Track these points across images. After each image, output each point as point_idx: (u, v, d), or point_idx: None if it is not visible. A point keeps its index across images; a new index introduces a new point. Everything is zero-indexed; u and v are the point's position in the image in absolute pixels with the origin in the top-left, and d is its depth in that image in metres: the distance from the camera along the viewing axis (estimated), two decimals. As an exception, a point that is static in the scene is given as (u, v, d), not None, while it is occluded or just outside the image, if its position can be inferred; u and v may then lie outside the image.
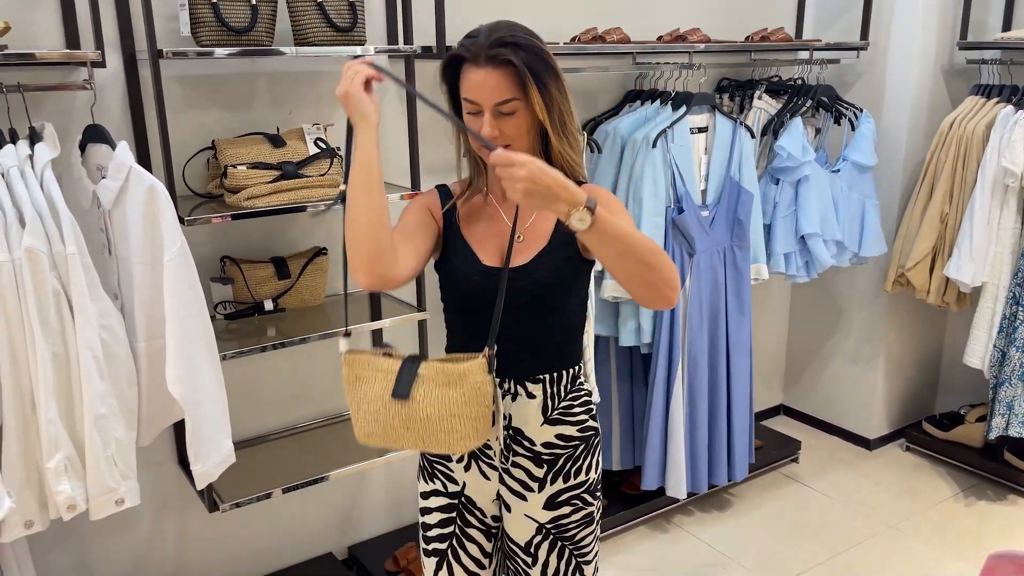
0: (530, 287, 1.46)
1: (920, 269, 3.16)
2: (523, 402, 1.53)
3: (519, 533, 1.60)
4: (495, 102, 1.37)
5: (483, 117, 1.38)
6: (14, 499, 1.68)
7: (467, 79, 1.38)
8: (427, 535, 1.65)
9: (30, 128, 1.80)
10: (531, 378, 1.52)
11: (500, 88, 1.36)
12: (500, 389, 1.51)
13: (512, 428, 1.54)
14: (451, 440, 1.43)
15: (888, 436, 3.64)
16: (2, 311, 1.63)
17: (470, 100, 1.39)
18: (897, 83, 3.25)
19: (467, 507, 1.62)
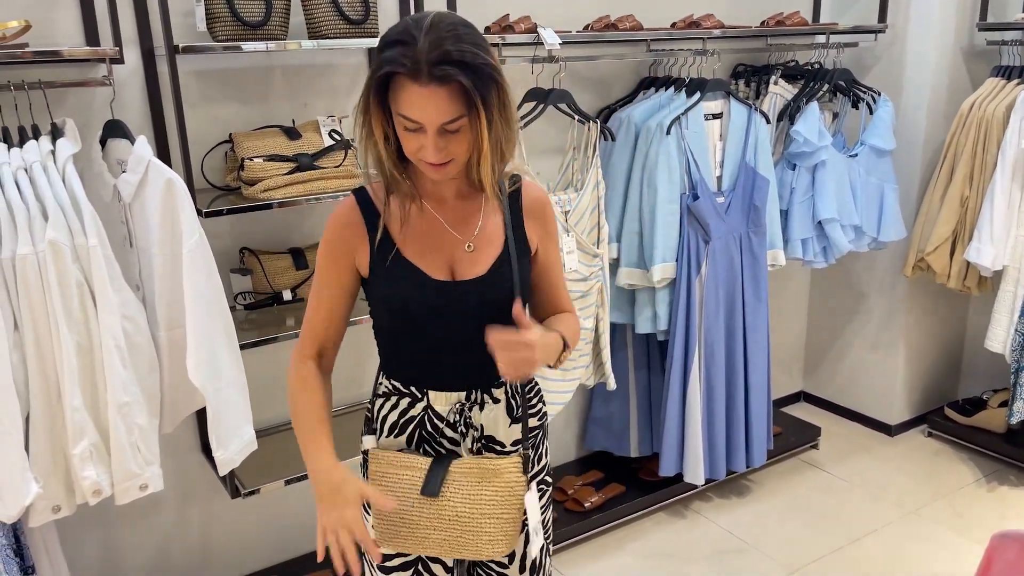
0: (493, 298, 1.38)
1: (940, 253, 3.14)
2: (489, 408, 1.46)
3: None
4: (441, 122, 1.21)
5: (422, 134, 1.23)
6: (41, 485, 1.74)
7: (406, 97, 1.20)
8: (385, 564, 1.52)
9: (52, 124, 1.85)
10: (495, 384, 1.46)
11: (447, 108, 1.20)
12: (467, 401, 1.45)
13: (484, 438, 1.47)
14: (479, 543, 1.39)
15: (910, 422, 3.62)
16: (27, 303, 1.68)
17: (412, 120, 1.22)
18: (916, 66, 3.21)
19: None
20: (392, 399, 1.47)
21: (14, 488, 1.69)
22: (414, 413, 1.46)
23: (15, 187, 1.69)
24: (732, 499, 3.12)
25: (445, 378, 1.43)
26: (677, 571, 2.72)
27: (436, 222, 1.39)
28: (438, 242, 1.39)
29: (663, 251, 2.66)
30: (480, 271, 1.38)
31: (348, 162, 2.19)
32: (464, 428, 1.46)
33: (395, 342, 1.45)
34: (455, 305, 1.37)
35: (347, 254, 1.40)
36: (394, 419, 1.48)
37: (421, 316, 1.38)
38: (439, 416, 1.45)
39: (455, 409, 1.45)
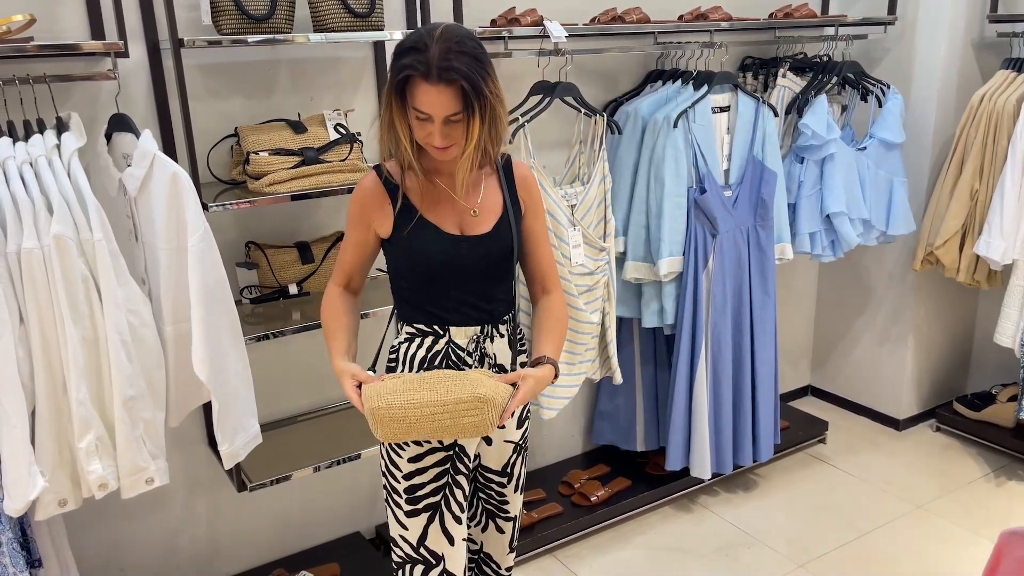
0: (498, 250, 1.70)
1: (950, 247, 3.11)
2: (498, 341, 1.76)
3: (498, 460, 1.84)
4: (446, 115, 1.52)
5: (432, 124, 1.54)
6: (47, 478, 1.74)
7: (420, 93, 1.51)
8: (418, 495, 1.76)
9: (57, 118, 1.85)
10: (501, 320, 1.77)
11: (450, 104, 1.51)
12: (482, 335, 1.74)
13: (496, 366, 1.76)
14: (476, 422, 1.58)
15: (918, 416, 3.60)
16: (33, 297, 1.68)
17: (424, 112, 1.53)
18: (926, 58, 3.19)
19: (459, 456, 1.76)
20: (417, 339, 1.74)
21: (20, 482, 1.70)
22: (438, 348, 1.73)
23: (20, 181, 1.69)
24: (739, 493, 3.12)
25: (462, 317, 1.72)
26: (684, 565, 2.72)
27: (446, 193, 1.69)
28: (450, 208, 1.69)
29: (670, 245, 2.65)
30: (485, 229, 1.70)
31: (354, 156, 2.18)
32: (480, 356, 1.74)
33: (419, 289, 1.72)
34: (467, 254, 1.67)
35: (368, 218, 1.70)
36: (422, 355, 1.73)
37: (442, 264, 1.68)
38: (460, 347, 1.73)
39: (473, 340, 1.73)
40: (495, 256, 1.71)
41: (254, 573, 2.57)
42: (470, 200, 1.71)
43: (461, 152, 1.59)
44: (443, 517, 1.77)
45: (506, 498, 1.90)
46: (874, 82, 3.14)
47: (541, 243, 1.81)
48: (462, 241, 1.69)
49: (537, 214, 1.80)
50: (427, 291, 1.72)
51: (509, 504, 1.92)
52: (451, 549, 1.78)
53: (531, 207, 1.78)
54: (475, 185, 1.72)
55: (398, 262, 1.73)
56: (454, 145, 1.58)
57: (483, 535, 1.96)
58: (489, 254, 1.70)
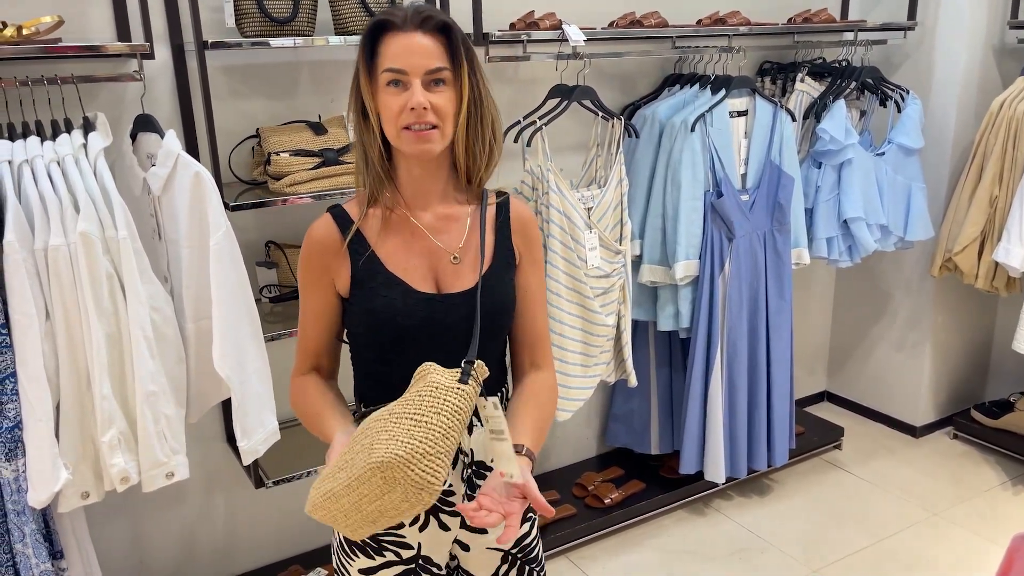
0: (484, 312, 1.30)
1: (968, 253, 3.10)
2: (478, 432, 1.35)
3: (482, 569, 1.43)
4: (427, 68, 1.21)
5: (406, 91, 1.22)
6: (71, 471, 1.77)
7: (392, 45, 1.22)
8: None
9: (84, 118, 1.88)
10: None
11: (433, 54, 1.21)
12: None
13: (474, 464, 1.36)
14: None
15: (935, 424, 3.58)
16: (58, 293, 1.71)
17: (396, 69, 1.21)
18: (945, 64, 3.18)
19: (424, 568, 1.38)
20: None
21: (44, 474, 1.73)
22: None
23: (48, 180, 1.73)
24: (753, 498, 3.11)
25: None
26: (697, 568, 2.72)
27: (419, 232, 1.33)
28: (421, 253, 1.33)
29: (686, 248, 2.66)
30: (467, 284, 1.32)
31: (373, 157, 2.20)
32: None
33: (378, 363, 1.35)
34: (441, 319, 1.30)
35: (325, 274, 1.34)
36: None
37: (407, 330, 1.30)
38: None
39: None
40: (482, 319, 1.30)
41: (270, 569, 2.59)
42: (449, 242, 1.33)
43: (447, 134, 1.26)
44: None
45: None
46: (893, 87, 3.13)
47: (536, 303, 1.40)
48: (436, 300, 1.30)
49: (536, 266, 1.40)
50: (389, 365, 1.32)
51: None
52: None
53: (528, 257, 1.39)
54: (456, 221, 1.34)
55: (357, 327, 1.34)
56: (436, 129, 1.23)
57: None
58: (470, 317, 1.30)
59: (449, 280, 1.32)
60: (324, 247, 1.33)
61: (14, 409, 1.71)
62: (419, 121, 1.22)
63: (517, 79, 2.67)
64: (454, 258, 1.33)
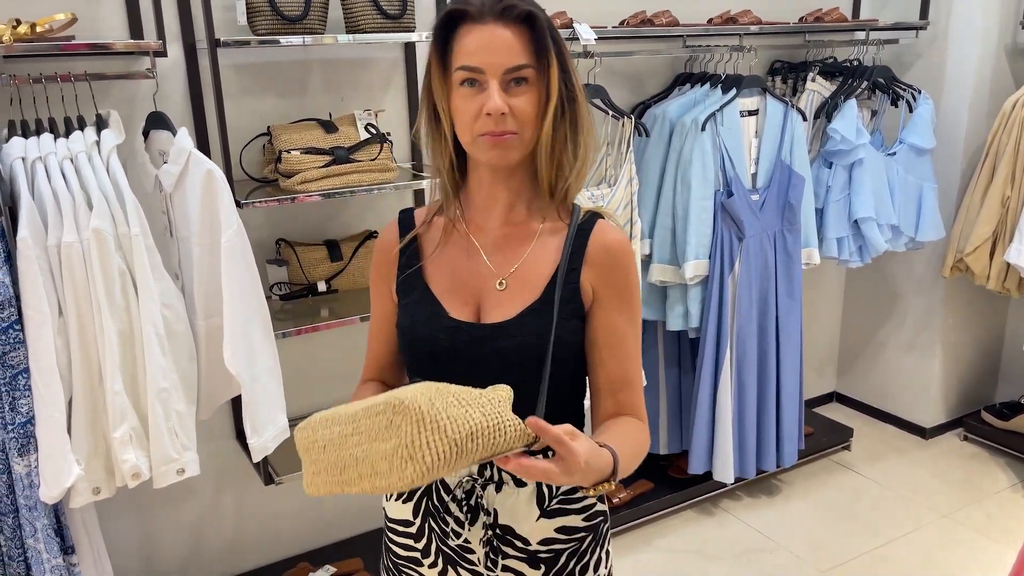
0: (511, 350, 1.13)
1: (979, 254, 3.08)
2: (509, 492, 1.18)
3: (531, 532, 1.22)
4: (507, 67, 1.05)
5: (482, 92, 1.07)
6: (83, 466, 1.78)
7: (468, 40, 1.06)
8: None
9: (96, 115, 1.89)
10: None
11: (514, 50, 1.05)
12: (481, 478, 1.18)
13: (499, 527, 1.19)
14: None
15: (945, 425, 3.57)
16: (71, 289, 1.72)
17: (470, 67, 1.06)
18: (958, 63, 3.16)
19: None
20: None
21: (56, 469, 1.74)
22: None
23: (61, 176, 1.74)
24: (762, 498, 3.11)
25: None
26: (705, 569, 2.72)
27: (473, 249, 1.19)
28: (467, 273, 1.18)
29: (696, 248, 2.65)
30: (505, 315, 1.14)
31: (383, 156, 2.21)
32: (473, 510, 1.18)
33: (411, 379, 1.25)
34: (466, 351, 1.14)
35: (385, 280, 1.26)
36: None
37: (429, 357, 1.17)
38: (447, 489, 1.20)
39: (463, 484, 1.18)
40: (508, 358, 1.12)
41: (279, 566, 2.60)
42: (503, 265, 1.16)
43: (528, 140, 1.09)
44: None
45: None
46: (905, 87, 3.12)
47: (622, 349, 1.16)
48: (465, 329, 1.15)
49: (625, 308, 1.16)
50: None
51: None
52: None
53: (611, 294, 1.15)
54: (521, 242, 1.17)
55: (399, 337, 1.23)
56: (515, 136, 1.08)
57: None
58: (499, 352, 1.13)
59: (490, 308, 1.16)
60: (385, 251, 1.25)
61: (27, 405, 1.72)
62: (496, 129, 1.07)
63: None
64: (500, 283, 1.16)
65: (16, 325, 1.70)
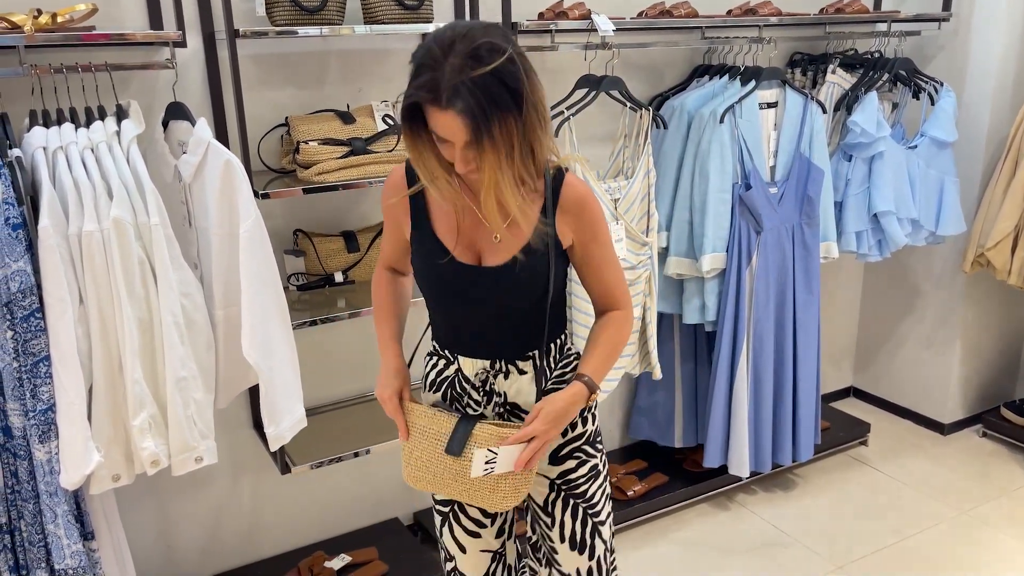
0: (507, 288, 1.48)
1: (1001, 249, 3.05)
2: (515, 379, 1.58)
3: (536, 493, 1.68)
4: (463, 142, 1.33)
5: (452, 147, 1.36)
6: (102, 453, 1.80)
7: (433, 118, 1.33)
8: (435, 497, 1.73)
9: (117, 106, 1.90)
10: (520, 357, 1.57)
11: (463, 132, 1.31)
12: (491, 370, 1.58)
13: (508, 404, 1.60)
14: (494, 499, 1.54)
15: (964, 421, 3.54)
16: (92, 278, 1.74)
17: (440, 138, 1.36)
18: (981, 55, 3.12)
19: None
20: (433, 359, 1.65)
21: (77, 456, 1.76)
22: (448, 374, 1.62)
23: (82, 166, 1.75)
24: (777, 493, 3.10)
25: (469, 347, 1.57)
26: (720, 562, 2.71)
27: (471, 211, 1.49)
28: (469, 226, 1.50)
29: (713, 241, 2.64)
30: (500, 261, 1.48)
31: (401, 147, 2.21)
32: (488, 393, 1.59)
33: (431, 307, 1.62)
34: (473, 289, 1.49)
35: (395, 217, 1.60)
36: (433, 377, 1.65)
37: (444, 293, 1.54)
38: (467, 379, 1.59)
39: (479, 375, 1.58)
40: (510, 294, 1.49)
41: (294, 555, 2.62)
42: (497, 222, 1.45)
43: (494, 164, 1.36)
44: (452, 528, 1.71)
45: (554, 547, 1.69)
46: (927, 79, 3.08)
47: (602, 268, 1.56)
48: (470, 272, 1.49)
49: (596, 238, 1.53)
50: (439, 310, 1.60)
51: (559, 556, 1.69)
52: (462, 556, 1.72)
53: (585, 233, 1.52)
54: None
55: (414, 271, 1.60)
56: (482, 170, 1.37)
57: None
58: (501, 291, 1.49)
59: (488, 255, 1.49)
60: (395, 191, 1.56)
61: (48, 392, 1.74)
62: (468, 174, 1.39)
63: (545, 69, 2.66)
64: (495, 237, 1.48)
65: (37, 313, 1.71)
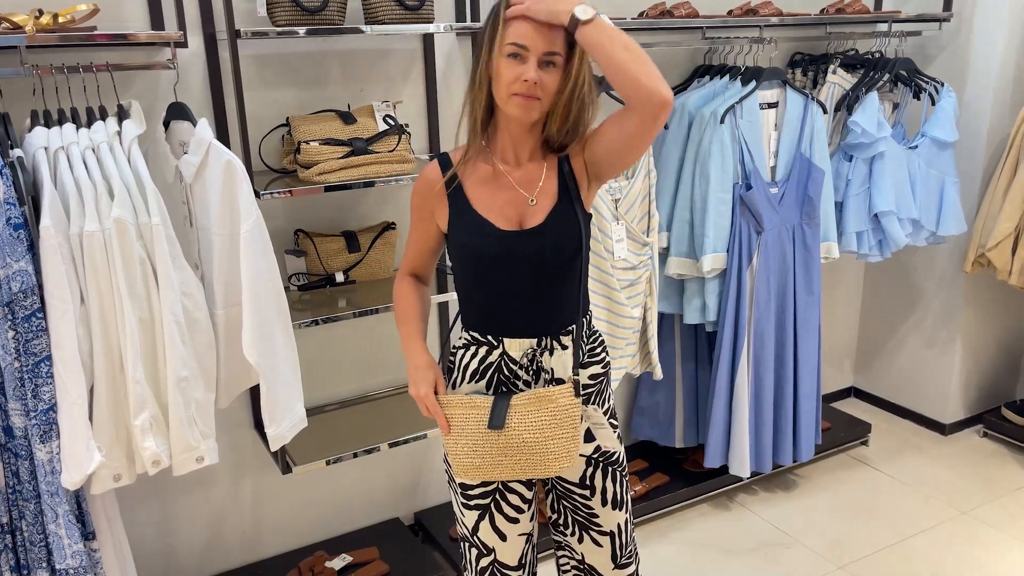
0: (551, 244, 1.57)
1: (1002, 249, 3.05)
2: (559, 354, 1.64)
3: (571, 473, 1.73)
4: (545, 51, 1.45)
5: (522, 64, 1.45)
6: (104, 453, 1.80)
7: (520, 24, 1.44)
8: (469, 493, 1.73)
9: (118, 106, 1.91)
10: (563, 331, 1.64)
11: (554, 39, 1.44)
12: (539, 348, 1.63)
13: (555, 380, 1.65)
14: (547, 461, 1.60)
15: (965, 421, 3.54)
16: (93, 278, 1.74)
17: (518, 43, 1.44)
18: (982, 56, 3.12)
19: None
20: (472, 348, 1.67)
21: (78, 456, 1.76)
22: (492, 359, 1.65)
23: (83, 166, 1.75)
24: (778, 493, 3.10)
25: (517, 326, 1.62)
26: (721, 562, 2.71)
27: (505, 180, 1.59)
28: (506, 197, 1.59)
29: (714, 241, 2.64)
30: (538, 222, 1.58)
31: (402, 147, 2.21)
32: (536, 371, 1.64)
33: (472, 293, 1.65)
34: (517, 251, 1.56)
35: (429, 210, 1.64)
36: (475, 366, 1.66)
37: (489, 263, 1.58)
38: (514, 361, 1.64)
39: (527, 354, 1.63)
40: (549, 251, 1.57)
41: (295, 554, 2.62)
42: (530, 189, 1.59)
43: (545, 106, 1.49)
44: (493, 517, 1.73)
45: (594, 511, 1.76)
46: (928, 80, 3.08)
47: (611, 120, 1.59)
48: (513, 236, 1.57)
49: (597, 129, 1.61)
50: (481, 293, 1.63)
51: (600, 518, 1.77)
52: (502, 544, 1.75)
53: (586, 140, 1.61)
54: (536, 171, 1.61)
55: (454, 256, 1.65)
56: (538, 100, 1.47)
57: (580, 546, 1.81)
58: (543, 248, 1.57)
59: (528, 219, 1.58)
60: (430, 186, 1.62)
61: (49, 392, 1.74)
62: (528, 92, 1.45)
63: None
64: (531, 200, 1.58)
65: (39, 313, 1.71)
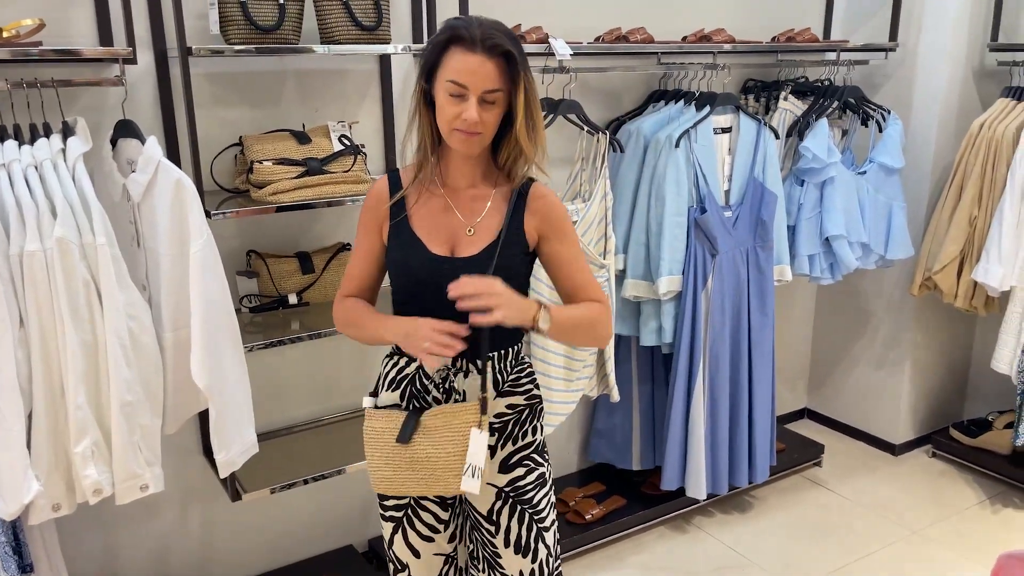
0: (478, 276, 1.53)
1: (948, 272, 3.13)
2: (473, 378, 1.62)
3: (480, 502, 1.69)
4: (484, 89, 1.44)
5: (464, 102, 1.46)
6: (42, 482, 1.73)
7: (458, 61, 1.44)
8: (384, 503, 1.73)
9: (63, 122, 1.86)
10: (482, 357, 1.61)
11: (492, 76, 1.44)
12: (453, 367, 1.62)
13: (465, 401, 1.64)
14: (447, 478, 1.58)
15: (914, 442, 3.60)
16: (33, 299, 1.68)
17: (458, 83, 1.44)
18: (926, 85, 3.21)
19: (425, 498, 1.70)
20: (395, 358, 1.68)
21: (15, 485, 1.69)
22: (408, 371, 1.65)
23: (25, 184, 1.70)
24: (734, 515, 3.11)
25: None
26: (677, 586, 2.71)
27: (447, 206, 1.60)
28: (446, 223, 1.60)
29: (670, 263, 2.66)
30: (472, 252, 1.58)
31: (357, 167, 2.19)
32: (447, 390, 1.63)
33: (400, 308, 1.65)
34: (445, 279, 1.50)
35: (377, 224, 1.65)
36: (392, 375, 1.67)
37: (416, 283, 1.59)
38: (427, 376, 1.63)
39: (440, 372, 1.63)
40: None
41: (245, 584, 2.55)
42: (470, 217, 1.58)
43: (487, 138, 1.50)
44: (406, 532, 1.72)
45: (498, 551, 1.70)
46: (875, 107, 3.16)
47: (570, 267, 1.64)
48: (443, 262, 1.57)
49: (563, 239, 1.63)
50: (408, 309, 1.61)
51: (503, 560, 1.70)
52: (416, 561, 1.73)
53: (551, 233, 1.62)
54: (482, 202, 1.60)
55: (390, 274, 1.66)
56: (480, 136, 1.48)
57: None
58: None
59: (462, 248, 1.59)
60: (379, 199, 1.64)
61: (-15, 418, 1.67)
62: (469, 130, 1.47)
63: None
64: (469, 231, 1.58)
65: (-25, 336, 1.65)
